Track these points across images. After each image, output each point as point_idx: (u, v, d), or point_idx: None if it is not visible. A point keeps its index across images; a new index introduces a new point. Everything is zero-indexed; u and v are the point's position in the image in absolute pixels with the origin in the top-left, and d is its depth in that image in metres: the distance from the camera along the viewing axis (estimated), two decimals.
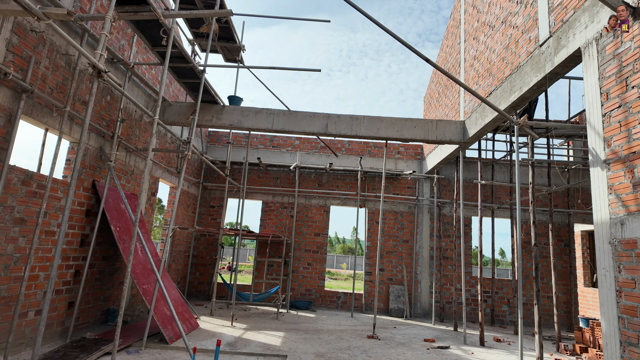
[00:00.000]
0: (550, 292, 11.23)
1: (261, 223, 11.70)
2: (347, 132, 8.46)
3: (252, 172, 12.04)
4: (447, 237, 11.47)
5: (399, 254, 11.44)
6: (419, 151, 12.24)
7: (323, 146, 12.21)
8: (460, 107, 8.82)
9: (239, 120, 8.59)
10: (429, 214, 11.68)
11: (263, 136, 12.32)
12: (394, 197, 11.79)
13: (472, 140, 8.27)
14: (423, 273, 11.30)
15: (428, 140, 8.49)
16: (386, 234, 11.57)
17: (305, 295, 11.17)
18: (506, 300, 11.19)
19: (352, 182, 11.91)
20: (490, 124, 7.26)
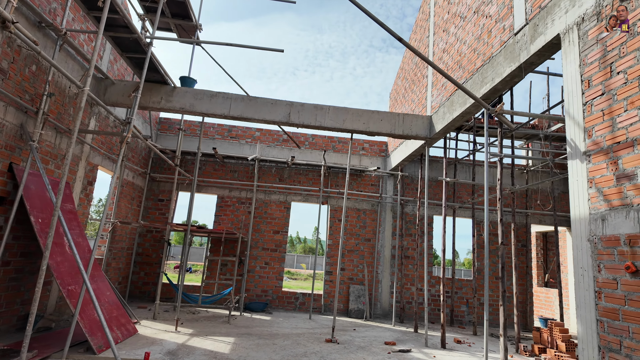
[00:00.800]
0: (509, 292, 11.32)
1: (216, 219, 10.88)
2: (311, 123, 7.92)
3: (207, 164, 11.19)
4: (409, 236, 11.25)
5: (360, 252, 11.07)
6: (384, 148, 11.95)
7: (286, 139, 11.59)
8: (427, 101, 8.55)
9: (191, 103, 7.78)
10: (391, 212, 11.40)
11: (220, 126, 11.50)
12: (357, 195, 11.40)
13: (438, 135, 8.01)
14: (384, 272, 10.99)
15: (394, 134, 8.13)
16: (348, 232, 11.15)
17: (261, 297, 10.50)
18: (465, 300, 11.14)
19: (315, 178, 11.39)
20: (458, 118, 6.99)
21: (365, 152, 11.82)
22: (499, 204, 6.10)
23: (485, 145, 6.05)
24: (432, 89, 8.33)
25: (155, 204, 10.74)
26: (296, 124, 7.93)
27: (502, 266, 5.88)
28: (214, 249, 10.70)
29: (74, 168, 7.23)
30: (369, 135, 8.31)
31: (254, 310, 9.94)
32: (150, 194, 10.79)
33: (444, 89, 7.59)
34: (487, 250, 5.80)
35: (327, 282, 10.79)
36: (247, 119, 7.86)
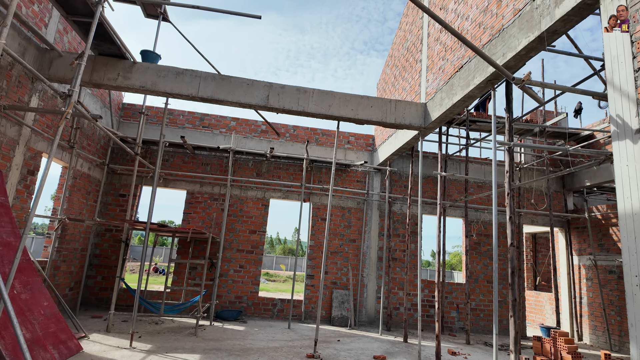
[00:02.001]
0: (499, 296, 10.67)
1: (184, 217, 9.77)
2: (293, 107, 6.98)
3: (176, 156, 10.07)
4: (396, 237, 10.45)
5: (345, 254, 10.19)
6: (370, 142, 11.12)
7: (264, 130, 10.60)
8: (421, 88, 7.76)
9: (153, 82, 6.71)
10: (378, 211, 10.58)
11: (191, 114, 10.40)
12: (342, 191, 10.52)
13: (433, 125, 7.22)
14: (370, 276, 10.15)
15: (385, 123, 7.29)
16: (332, 232, 10.25)
17: (234, 304, 9.46)
18: (455, 305, 10.42)
19: (297, 173, 10.45)
20: (459, 104, 6.21)
21: (350, 146, 10.96)
22: (507, 200, 5.32)
23: (493, 129, 5.26)
24: (427, 74, 7.54)
25: (115, 200, 9.55)
26: (276, 109, 6.97)
27: (512, 271, 5.11)
28: (183, 250, 9.60)
29: (8, 153, 6.05)
30: (357, 124, 7.44)
31: (226, 319, 8.90)
32: (110, 188, 9.59)
33: (441, 72, 6.80)
34: (495, 252, 5.02)
35: (308, 287, 9.86)
36: (219, 101, 6.85)
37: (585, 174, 10.73)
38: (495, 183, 5.10)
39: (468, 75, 5.81)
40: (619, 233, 9.59)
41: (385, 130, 9.96)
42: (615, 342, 9.33)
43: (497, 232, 5.10)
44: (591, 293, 10.22)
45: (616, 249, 9.60)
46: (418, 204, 7.55)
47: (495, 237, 5.04)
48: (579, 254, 10.79)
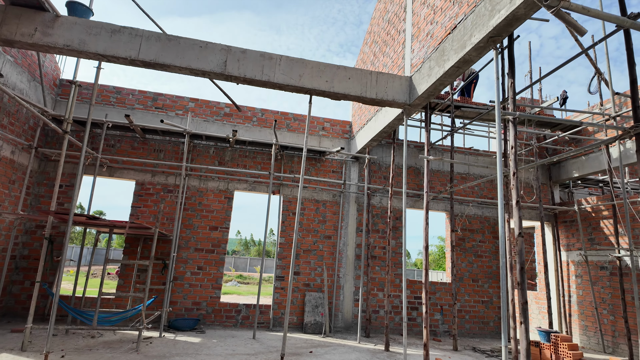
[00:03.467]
0: (484, 296, 9.90)
1: (133, 211, 8.43)
2: (256, 76, 5.85)
3: (124, 141, 8.71)
4: (376, 232, 9.47)
5: (319, 252, 9.11)
6: (347, 129, 10.11)
7: (228, 113, 9.39)
8: (405, 61, 6.80)
9: (82, 40, 5.42)
10: (356, 204, 9.57)
11: (142, 93, 9.05)
12: (316, 182, 9.45)
13: (419, 101, 6.26)
14: (347, 276, 9.12)
15: (365, 98, 6.28)
16: (304, 228, 9.16)
17: (191, 311, 8.20)
18: (439, 307, 9.54)
19: (265, 162, 9.30)
20: (451, 72, 5.26)
21: (325, 132, 9.90)
22: (513, 182, 4.39)
23: (496, 96, 4.33)
24: (411, 44, 6.58)
25: (49, 191, 8.09)
26: (235, 77, 5.82)
27: (522, 267, 4.17)
28: (130, 250, 8.25)
29: None
30: (332, 99, 6.38)
31: (181, 329, 7.64)
32: (43, 177, 8.13)
33: (430, 38, 5.85)
34: (502, 244, 4.07)
35: (278, 290, 8.71)
36: (165, 66, 5.63)
37: (573, 165, 10.12)
38: (500, 159, 4.16)
39: (464, 35, 4.87)
40: (611, 226, 8.98)
41: (364, 114, 8.97)
42: (609, 344, 8.69)
43: (503, 222, 4.17)
44: (581, 291, 9.59)
45: (608, 243, 8.99)
46: (402, 196, 6.58)
47: (502, 225, 4.10)
48: (567, 249, 10.16)
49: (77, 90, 6.35)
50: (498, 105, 4.35)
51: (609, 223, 9.04)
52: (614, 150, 8.86)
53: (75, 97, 6.27)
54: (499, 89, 4.39)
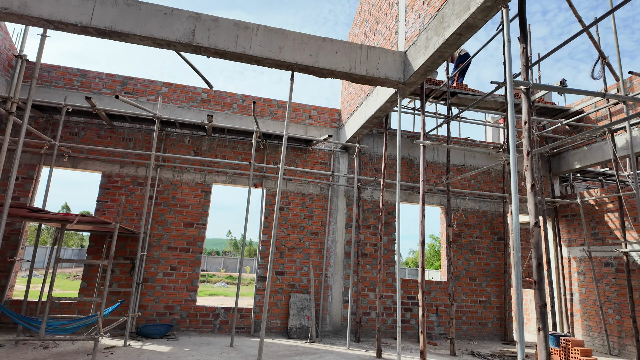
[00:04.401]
0: (482, 295, 9.29)
1: (98, 206, 7.61)
2: (229, 48, 5.11)
3: (89, 128, 7.89)
4: (367, 228, 8.79)
5: (305, 250, 8.40)
6: (336, 117, 9.41)
7: (205, 99, 8.61)
8: (398, 36, 6.12)
9: (22, 2, 4.62)
10: (345, 198, 8.88)
11: (110, 76, 8.23)
12: (302, 175, 8.73)
13: (415, 79, 5.59)
14: (336, 276, 8.43)
15: (354, 75, 5.58)
16: (290, 224, 8.43)
17: (164, 316, 7.42)
18: (435, 308, 8.90)
19: (247, 152, 8.55)
20: (452, 41, 4.59)
21: (312, 121, 9.19)
22: (527, 162, 3.72)
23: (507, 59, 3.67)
24: (405, 15, 5.91)
25: (3, 184, 7.24)
26: (205, 49, 5.08)
27: (539, 262, 3.50)
28: (95, 248, 7.44)
29: None
30: (317, 76, 5.68)
31: (151, 336, 6.86)
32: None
33: (427, 6, 5.18)
34: (517, 234, 3.41)
35: (260, 292, 7.98)
36: (123, 35, 4.86)
37: (574, 156, 9.58)
38: (514, 132, 3.50)
39: None
40: (616, 220, 8.44)
41: (354, 100, 8.28)
42: (614, 345, 8.14)
43: (517, 209, 3.50)
44: (584, 289, 9.04)
45: (613, 238, 8.45)
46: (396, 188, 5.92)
47: (516, 211, 3.44)
48: (569, 245, 9.61)
49: (24, 65, 5.53)
50: (509, 72, 3.70)
51: (614, 217, 8.49)
52: (619, 139, 8.32)
53: (22, 73, 5.44)
54: (509, 53, 3.73)
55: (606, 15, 5.42)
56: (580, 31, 5.75)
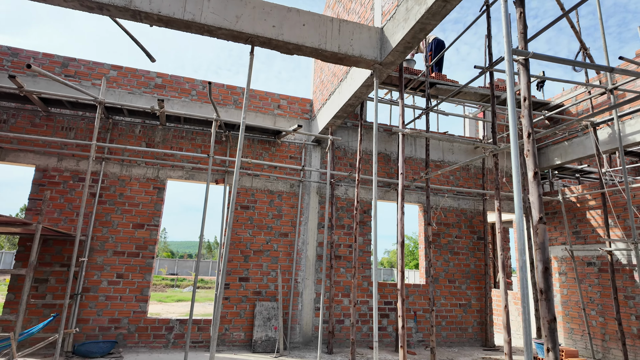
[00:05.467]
0: (462, 298, 8.79)
1: (31, 205, 6.56)
2: (175, 14, 4.29)
3: (21, 115, 6.82)
4: (340, 228, 8.10)
5: (273, 254, 7.61)
6: (307, 108, 8.68)
7: (160, 84, 7.69)
8: (374, 11, 5.46)
9: None
10: (317, 196, 8.16)
11: (48, 57, 7.18)
12: (269, 170, 7.95)
13: (393, 57, 4.93)
14: (306, 281, 7.69)
15: (325, 52, 4.87)
16: (256, 224, 7.63)
17: (108, 331, 6.45)
18: (413, 313, 8.31)
19: (207, 144, 7.69)
20: (436, 9, 3.96)
21: (282, 111, 8.42)
22: (528, 146, 3.11)
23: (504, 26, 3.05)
24: None
25: None
26: (146, 14, 4.23)
27: (546, 267, 2.87)
28: (25, 254, 6.39)
29: None
30: (282, 52, 4.92)
31: (90, 356, 5.90)
32: None
33: None
34: (521, 224, 2.78)
35: (223, 301, 7.12)
36: None
37: (555, 151, 9.23)
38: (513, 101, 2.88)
39: None
40: (599, 217, 8.10)
41: (326, 87, 7.58)
42: (598, 348, 7.78)
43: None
44: (565, 290, 8.68)
45: (595, 236, 8.11)
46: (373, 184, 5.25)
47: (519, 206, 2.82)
48: (550, 244, 9.25)
49: None
50: (508, 36, 3.07)
51: (597, 214, 8.16)
52: (601, 132, 7.99)
53: None
54: (507, 13, 3.11)
55: None
56: (560, 16, 5.27)
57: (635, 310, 7.17)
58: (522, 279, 2.74)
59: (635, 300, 7.19)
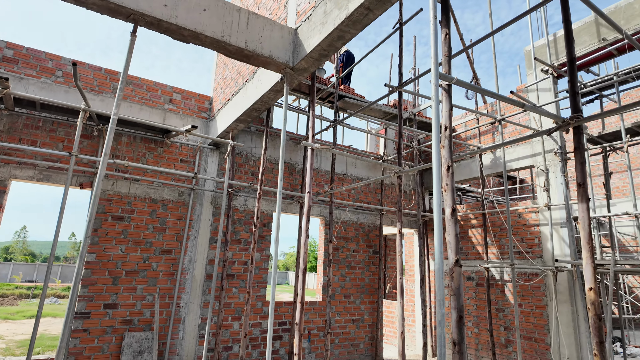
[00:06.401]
0: (356, 313, 8.74)
1: None
2: None
3: None
4: (236, 243, 7.32)
5: (151, 274, 6.45)
6: (206, 106, 7.70)
7: (10, 57, 5.93)
8: (288, 9, 4.90)
9: None
10: (212, 207, 7.24)
11: None
12: (153, 175, 6.76)
13: (307, 64, 4.44)
14: (191, 304, 6.71)
15: (229, 45, 4.14)
16: (130, 238, 6.38)
17: None
18: (307, 332, 7.94)
19: (73, 139, 6.18)
20: (358, 16, 3.58)
21: (174, 107, 7.29)
22: (447, 179, 2.88)
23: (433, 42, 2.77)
24: None
25: None
26: None
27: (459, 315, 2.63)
28: None
29: None
30: (175, 37, 4.03)
31: None
32: None
33: None
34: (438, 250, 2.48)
35: (78, 334, 5.73)
36: None
37: None
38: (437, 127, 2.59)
39: None
40: (479, 235, 8.83)
41: (229, 86, 6.76)
42: (472, 357, 8.43)
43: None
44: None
45: (475, 253, 8.83)
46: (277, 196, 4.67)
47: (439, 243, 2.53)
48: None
49: None
50: (435, 58, 2.79)
51: (477, 232, 8.90)
52: (485, 158, 8.75)
53: None
54: (437, 28, 2.85)
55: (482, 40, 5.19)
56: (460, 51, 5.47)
57: (504, 321, 7.92)
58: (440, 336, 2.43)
59: (505, 313, 7.94)
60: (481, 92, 3.28)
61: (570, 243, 6.79)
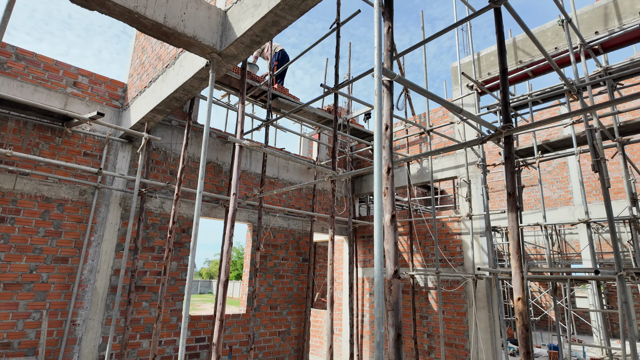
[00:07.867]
0: (282, 325, 8.31)
1: None
2: None
3: None
4: (149, 251, 6.48)
5: (39, 287, 5.38)
6: (119, 93, 6.77)
7: None
8: None
9: None
10: (121, 208, 6.33)
11: None
12: (48, 169, 5.70)
13: (237, 50, 4.00)
14: (91, 321, 5.74)
15: (144, 18, 3.54)
16: (13, 244, 5.27)
17: None
18: (228, 347, 7.32)
19: None
20: None
21: (79, 91, 6.27)
22: (387, 183, 2.64)
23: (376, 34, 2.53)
24: None
25: None
26: None
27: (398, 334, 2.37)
28: None
29: None
30: (78, 3, 3.32)
31: None
32: None
33: None
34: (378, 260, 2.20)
35: None
36: None
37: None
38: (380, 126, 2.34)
39: None
40: (405, 243, 8.97)
41: (147, 71, 5.99)
42: None
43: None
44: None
45: (402, 261, 8.94)
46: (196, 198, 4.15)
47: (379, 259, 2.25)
48: (364, 265, 9.82)
49: None
50: (379, 54, 2.55)
51: (404, 240, 9.03)
52: (412, 167, 8.95)
53: None
54: (380, 21, 2.62)
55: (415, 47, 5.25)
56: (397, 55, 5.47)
57: (427, 329, 8.06)
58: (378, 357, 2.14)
59: (428, 320, 8.10)
60: (425, 94, 3.13)
61: (489, 251, 7.11)
